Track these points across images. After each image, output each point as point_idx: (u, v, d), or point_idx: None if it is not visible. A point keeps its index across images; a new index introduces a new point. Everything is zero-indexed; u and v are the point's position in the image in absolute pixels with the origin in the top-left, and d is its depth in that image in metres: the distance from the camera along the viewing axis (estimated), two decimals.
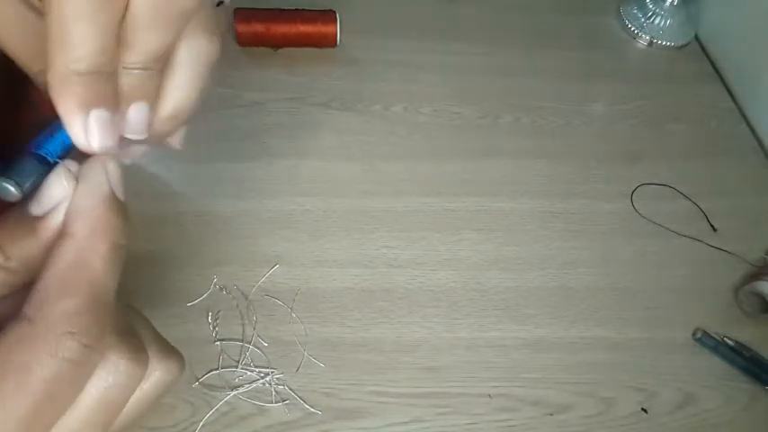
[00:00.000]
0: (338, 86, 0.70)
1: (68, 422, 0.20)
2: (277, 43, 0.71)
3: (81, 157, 0.22)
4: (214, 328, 0.51)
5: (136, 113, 0.23)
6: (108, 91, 0.22)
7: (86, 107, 0.21)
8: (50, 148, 0.22)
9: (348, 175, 0.62)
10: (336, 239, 0.57)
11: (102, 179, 0.22)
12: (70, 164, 0.22)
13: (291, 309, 0.53)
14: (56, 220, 0.21)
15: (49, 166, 0.22)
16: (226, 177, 0.60)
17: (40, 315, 0.19)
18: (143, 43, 0.22)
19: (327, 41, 0.71)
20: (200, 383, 0.48)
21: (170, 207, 0.57)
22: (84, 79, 0.21)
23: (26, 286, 0.20)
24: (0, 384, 0.18)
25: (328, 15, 0.70)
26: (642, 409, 0.51)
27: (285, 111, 0.67)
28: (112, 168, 0.22)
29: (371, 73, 0.72)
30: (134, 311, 0.24)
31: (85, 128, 0.21)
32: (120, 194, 0.22)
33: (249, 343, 0.50)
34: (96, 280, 0.20)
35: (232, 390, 0.48)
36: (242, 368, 0.49)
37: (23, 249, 0.21)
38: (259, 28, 0.69)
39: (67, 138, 0.22)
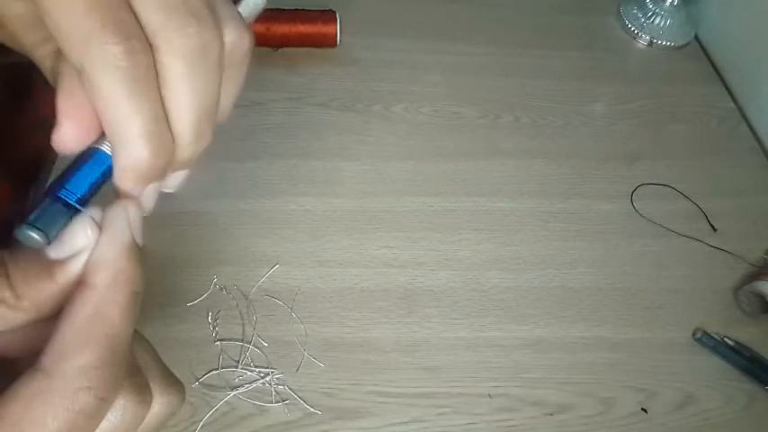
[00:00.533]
0: (338, 86, 0.70)
1: None
2: (277, 43, 0.71)
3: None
4: (214, 328, 0.51)
5: (177, 178, 0.25)
6: (165, 165, 0.23)
7: (147, 183, 0.23)
8: (75, 187, 0.21)
9: (348, 175, 0.62)
10: (336, 239, 0.57)
11: (124, 226, 0.22)
12: (95, 212, 0.22)
13: (291, 309, 0.53)
14: (75, 268, 0.21)
15: (74, 211, 0.21)
16: (226, 177, 0.60)
17: (59, 370, 0.19)
18: (191, 138, 0.23)
19: (327, 41, 0.71)
20: (200, 383, 0.48)
21: (170, 207, 0.57)
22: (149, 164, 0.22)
23: (33, 322, 0.21)
24: None
25: (328, 15, 0.70)
26: (642, 409, 0.50)
27: (285, 111, 0.67)
28: (134, 214, 0.22)
29: (371, 73, 0.71)
30: (138, 338, 0.24)
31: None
32: (139, 240, 0.22)
33: (249, 343, 0.50)
34: (115, 333, 0.20)
35: (232, 390, 0.48)
36: (242, 368, 0.49)
37: (37, 291, 0.21)
38: (259, 28, 0.69)
39: (93, 175, 0.22)
